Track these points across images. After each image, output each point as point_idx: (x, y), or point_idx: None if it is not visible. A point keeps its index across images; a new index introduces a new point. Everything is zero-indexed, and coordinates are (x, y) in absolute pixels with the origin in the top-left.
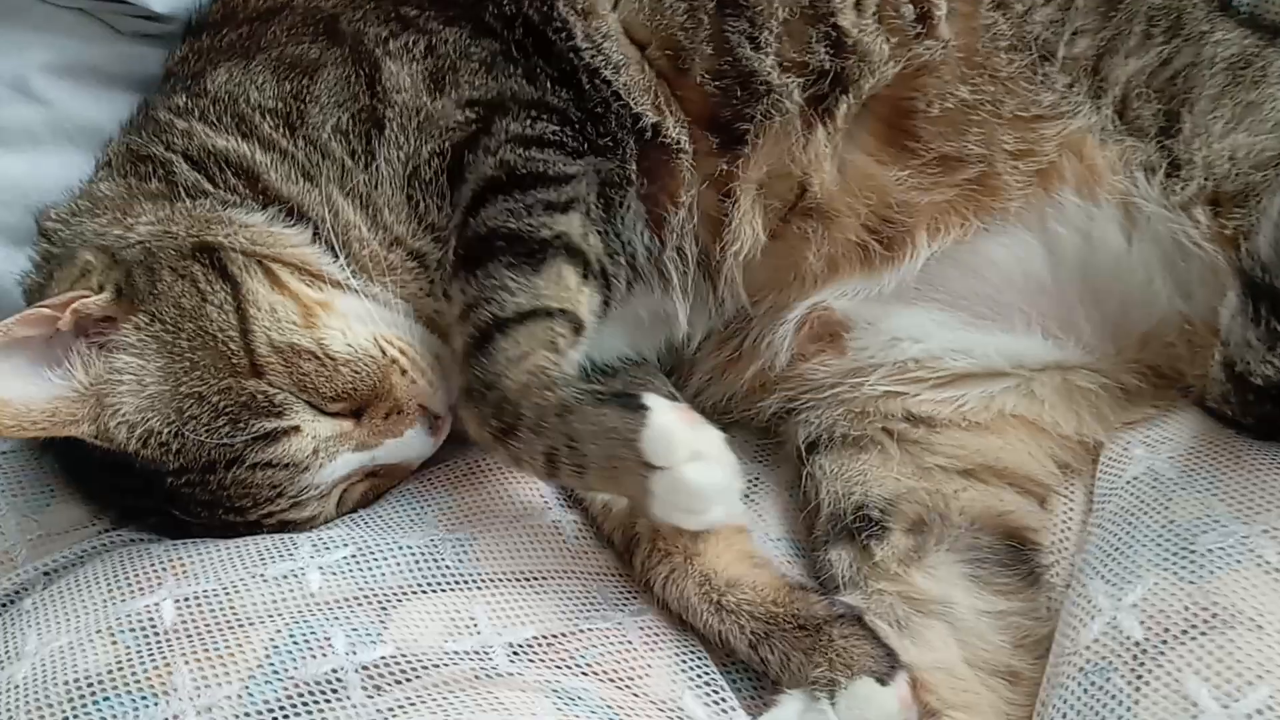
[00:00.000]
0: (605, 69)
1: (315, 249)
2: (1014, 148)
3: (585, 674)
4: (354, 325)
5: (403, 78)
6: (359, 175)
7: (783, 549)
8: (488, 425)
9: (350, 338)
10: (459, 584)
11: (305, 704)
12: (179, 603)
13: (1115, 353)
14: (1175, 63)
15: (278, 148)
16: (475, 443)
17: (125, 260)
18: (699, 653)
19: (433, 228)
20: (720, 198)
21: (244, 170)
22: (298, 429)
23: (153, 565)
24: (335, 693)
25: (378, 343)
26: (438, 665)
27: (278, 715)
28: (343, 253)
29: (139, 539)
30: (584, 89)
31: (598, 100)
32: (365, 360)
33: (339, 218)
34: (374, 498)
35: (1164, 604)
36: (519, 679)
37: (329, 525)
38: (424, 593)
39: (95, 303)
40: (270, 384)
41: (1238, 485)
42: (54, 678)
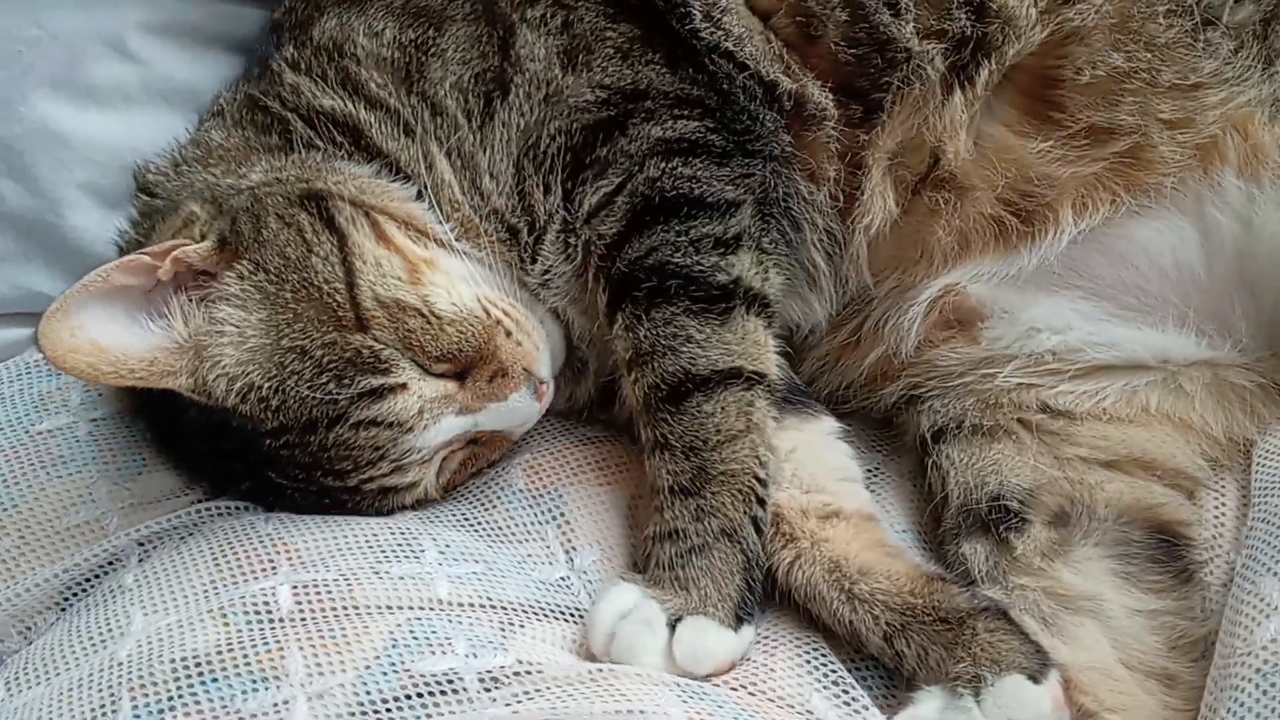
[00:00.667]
0: (726, 41)
1: (420, 205)
2: (1171, 117)
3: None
4: (458, 285)
5: (537, 48)
6: (468, 136)
7: (909, 541)
8: (668, 476)
9: (454, 297)
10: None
11: (421, 697)
12: (296, 588)
13: (1272, 354)
14: None
15: (382, 104)
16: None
17: (231, 209)
18: (822, 650)
19: (532, 209)
20: (851, 170)
21: (348, 126)
22: (405, 386)
23: (264, 548)
24: (452, 688)
25: (481, 303)
26: (558, 668)
27: (391, 707)
28: (440, 212)
29: (240, 517)
30: (711, 71)
31: (724, 79)
32: (470, 320)
33: (435, 174)
34: (473, 471)
35: None
36: (641, 675)
37: (453, 533)
38: (551, 619)
39: (197, 251)
40: (376, 339)
41: None
42: (160, 655)
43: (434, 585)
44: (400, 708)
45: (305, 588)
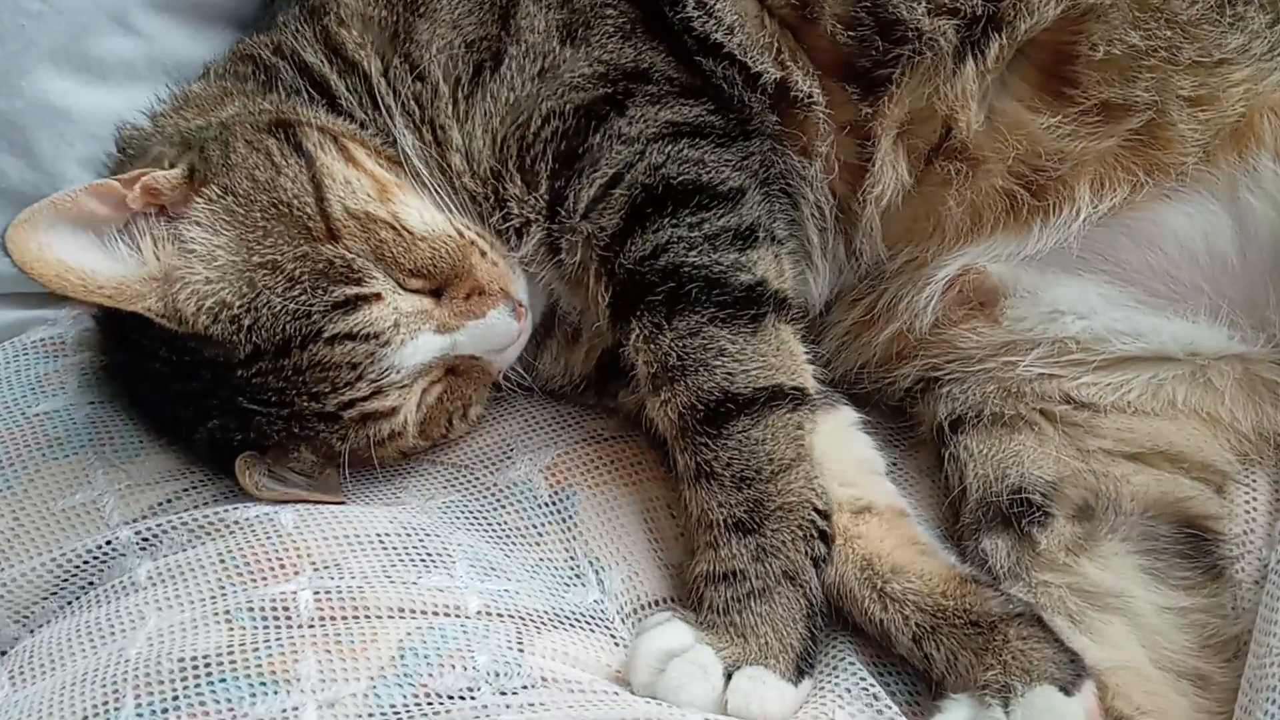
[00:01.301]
0: (716, 32)
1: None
2: (1192, 94)
3: None
4: (430, 208)
5: (538, 20)
6: (445, 109)
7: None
8: (721, 510)
9: (427, 217)
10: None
11: (433, 706)
12: (319, 594)
13: None
14: None
15: (356, 67)
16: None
17: (199, 140)
18: (847, 658)
19: (506, 198)
20: (859, 142)
21: (324, 87)
22: (379, 296)
23: (281, 549)
24: (468, 698)
25: (454, 225)
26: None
27: (403, 716)
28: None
29: (252, 510)
30: (698, 65)
31: (709, 73)
32: (444, 238)
33: (401, 149)
34: (458, 407)
35: None
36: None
37: (467, 535)
38: (569, 628)
39: (166, 177)
40: (347, 249)
41: None
42: (168, 654)
43: (466, 601)
44: (413, 717)
45: (327, 594)
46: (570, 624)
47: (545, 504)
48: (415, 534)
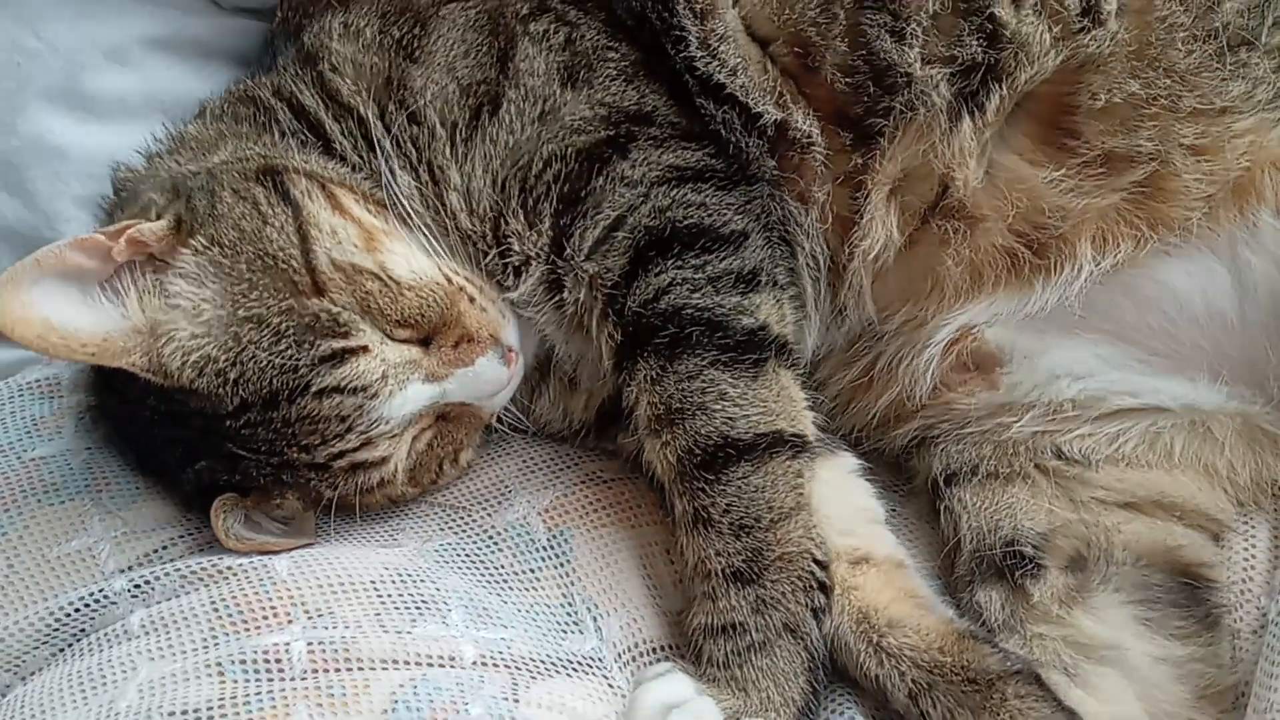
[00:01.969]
0: (719, 73)
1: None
2: (1195, 142)
3: None
4: (418, 254)
5: (537, 63)
6: (443, 150)
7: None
8: (719, 559)
9: (415, 264)
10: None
11: None
12: (309, 644)
13: None
14: None
15: (354, 114)
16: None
17: (187, 189)
18: (848, 711)
19: (508, 238)
20: (851, 195)
21: (320, 130)
22: (366, 349)
23: (275, 596)
24: None
25: (443, 271)
26: None
27: None
28: (404, 211)
29: (245, 559)
30: (699, 107)
31: (709, 117)
32: (431, 286)
33: (396, 189)
34: (449, 452)
35: None
36: None
37: (461, 579)
38: (565, 674)
39: (151, 229)
40: (333, 302)
41: None
42: (158, 706)
43: (461, 651)
44: None
45: (320, 644)
46: (567, 671)
47: (543, 547)
48: (410, 579)
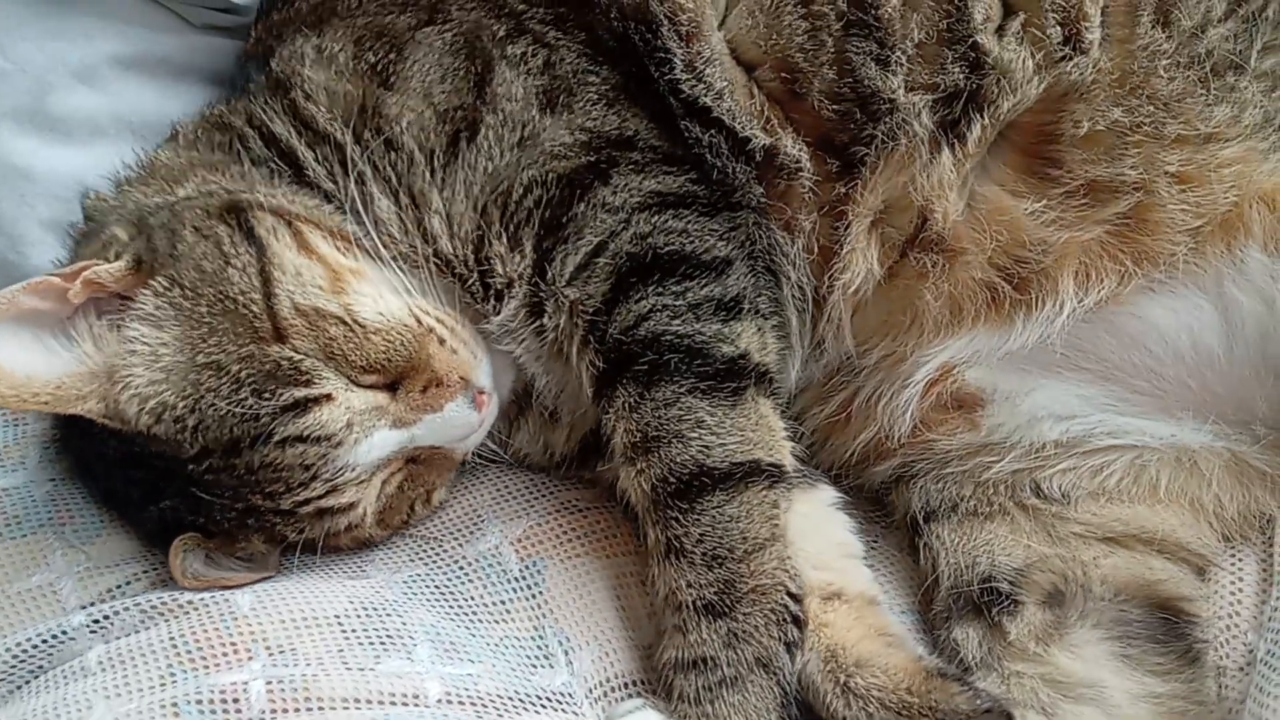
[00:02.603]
0: (705, 96)
1: (350, 222)
2: (1179, 170)
3: None
4: (387, 294)
5: (515, 87)
6: (422, 175)
7: (909, 624)
8: (690, 590)
9: (382, 306)
10: None
11: None
12: (269, 683)
13: None
14: None
15: (330, 140)
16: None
17: (148, 227)
18: None
19: (489, 262)
20: (833, 225)
21: (291, 158)
22: (329, 397)
23: (235, 632)
24: None
25: (412, 312)
26: None
27: None
28: (377, 241)
29: (208, 598)
30: (682, 130)
31: (694, 141)
32: (399, 329)
33: (372, 212)
34: (420, 493)
35: None
36: None
37: (429, 613)
38: (535, 709)
39: (109, 271)
40: (295, 350)
41: None
42: None
43: (425, 687)
44: None
45: (279, 683)
46: (535, 708)
47: (515, 579)
48: (375, 613)
